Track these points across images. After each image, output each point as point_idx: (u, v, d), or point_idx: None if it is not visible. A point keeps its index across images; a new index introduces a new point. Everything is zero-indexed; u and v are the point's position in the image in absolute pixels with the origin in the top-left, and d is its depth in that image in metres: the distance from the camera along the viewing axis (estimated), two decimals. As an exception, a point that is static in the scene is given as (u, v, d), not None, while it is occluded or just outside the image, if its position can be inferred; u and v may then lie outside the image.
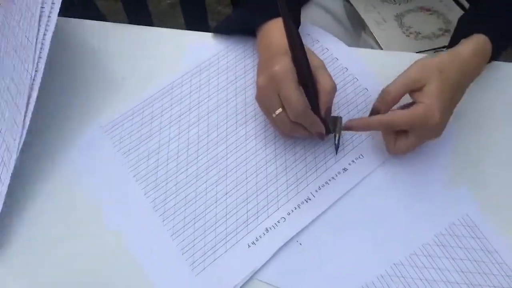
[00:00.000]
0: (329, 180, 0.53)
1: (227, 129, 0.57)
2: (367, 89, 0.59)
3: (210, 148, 0.55)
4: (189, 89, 0.60)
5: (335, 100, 0.51)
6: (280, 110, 0.49)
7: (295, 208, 0.51)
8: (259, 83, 0.50)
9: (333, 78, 0.50)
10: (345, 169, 0.53)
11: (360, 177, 0.53)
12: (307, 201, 0.52)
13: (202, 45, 0.63)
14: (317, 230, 0.50)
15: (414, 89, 0.49)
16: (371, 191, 0.52)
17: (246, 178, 0.53)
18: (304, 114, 0.48)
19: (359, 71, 0.60)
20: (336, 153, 0.54)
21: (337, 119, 0.54)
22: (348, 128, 0.51)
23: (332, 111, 0.51)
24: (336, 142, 0.53)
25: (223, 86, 0.60)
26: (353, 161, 0.54)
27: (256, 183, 0.53)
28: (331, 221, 0.51)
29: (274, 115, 0.49)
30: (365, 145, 0.55)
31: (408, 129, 0.50)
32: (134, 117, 0.58)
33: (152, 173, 0.54)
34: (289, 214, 0.51)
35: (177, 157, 0.55)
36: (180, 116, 0.58)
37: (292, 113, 0.47)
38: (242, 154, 0.55)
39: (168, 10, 1.57)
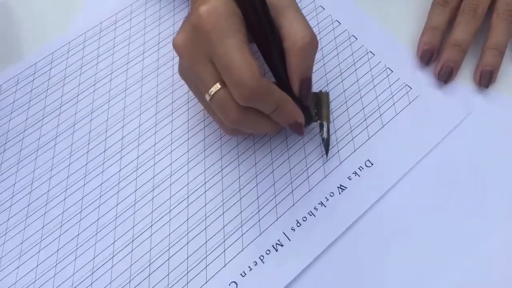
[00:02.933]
0: (315, 208, 0.30)
1: (139, 126, 0.33)
2: (373, 53, 0.36)
3: (106, 162, 0.32)
4: (80, 63, 0.36)
5: (320, 66, 0.29)
6: (217, 86, 0.26)
7: (255, 263, 0.28)
8: (177, 43, 0.27)
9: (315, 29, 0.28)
10: (342, 188, 0.31)
11: (368, 201, 0.30)
12: (276, 249, 0.29)
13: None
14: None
15: None
16: (386, 226, 0.30)
17: (170, 212, 0.30)
18: (260, 91, 0.25)
19: (359, 25, 0.37)
20: (327, 156, 0.32)
21: (323, 96, 0.31)
22: None
23: (313, 85, 0.31)
24: (324, 135, 0.31)
25: (136, 55, 0.36)
26: (355, 172, 0.31)
27: (187, 219, 0.30)
28: (316, 276, 0.28)
29: (208, 97, 0.27)
30: (378, 140, 0.32)
31: None
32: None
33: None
34: (243, 275, 0.28)
35: (50, 177, 0.32)
36: (60, 107, 0.34)
37: (239, 90, 0.25)
38: (163, 169, 0.32)
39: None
